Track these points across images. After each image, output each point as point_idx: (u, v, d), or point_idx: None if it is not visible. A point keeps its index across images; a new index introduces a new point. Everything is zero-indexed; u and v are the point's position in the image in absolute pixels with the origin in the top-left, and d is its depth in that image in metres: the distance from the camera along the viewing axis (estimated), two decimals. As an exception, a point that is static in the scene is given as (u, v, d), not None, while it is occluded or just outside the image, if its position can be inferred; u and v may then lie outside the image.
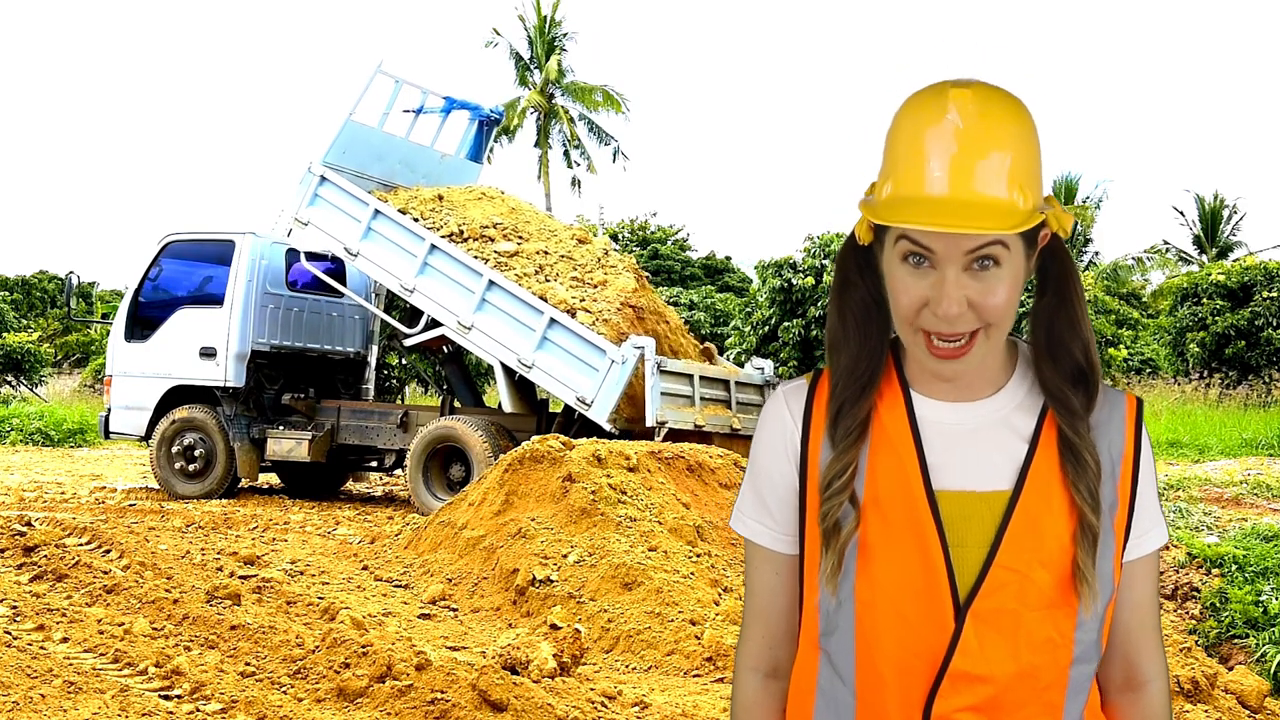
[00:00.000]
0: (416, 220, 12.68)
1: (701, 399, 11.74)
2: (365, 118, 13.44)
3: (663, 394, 11.16)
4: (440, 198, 13.29)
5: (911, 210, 1.27)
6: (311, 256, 13.92)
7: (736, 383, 12.42)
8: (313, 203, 12.90)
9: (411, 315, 13.18)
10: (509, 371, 12.02)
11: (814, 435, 1.41)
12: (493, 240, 12.61)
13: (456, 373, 13.62)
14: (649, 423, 10.96)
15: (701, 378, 11.86)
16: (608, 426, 11.06)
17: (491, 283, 11.90)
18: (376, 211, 12.61)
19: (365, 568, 8.28)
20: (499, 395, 12.54)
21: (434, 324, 12.48)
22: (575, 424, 11.65)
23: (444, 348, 13.42)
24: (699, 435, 11.26)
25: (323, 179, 12.83)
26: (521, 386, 12.34)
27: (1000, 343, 1.35)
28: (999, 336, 1.33)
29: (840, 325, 1.42)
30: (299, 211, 12.94)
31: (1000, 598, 1.32)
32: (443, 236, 12.41)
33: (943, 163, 1.28)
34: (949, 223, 1.25)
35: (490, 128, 15.44)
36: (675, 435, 10.99)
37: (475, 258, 12.18)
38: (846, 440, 1.37)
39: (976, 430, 1.37)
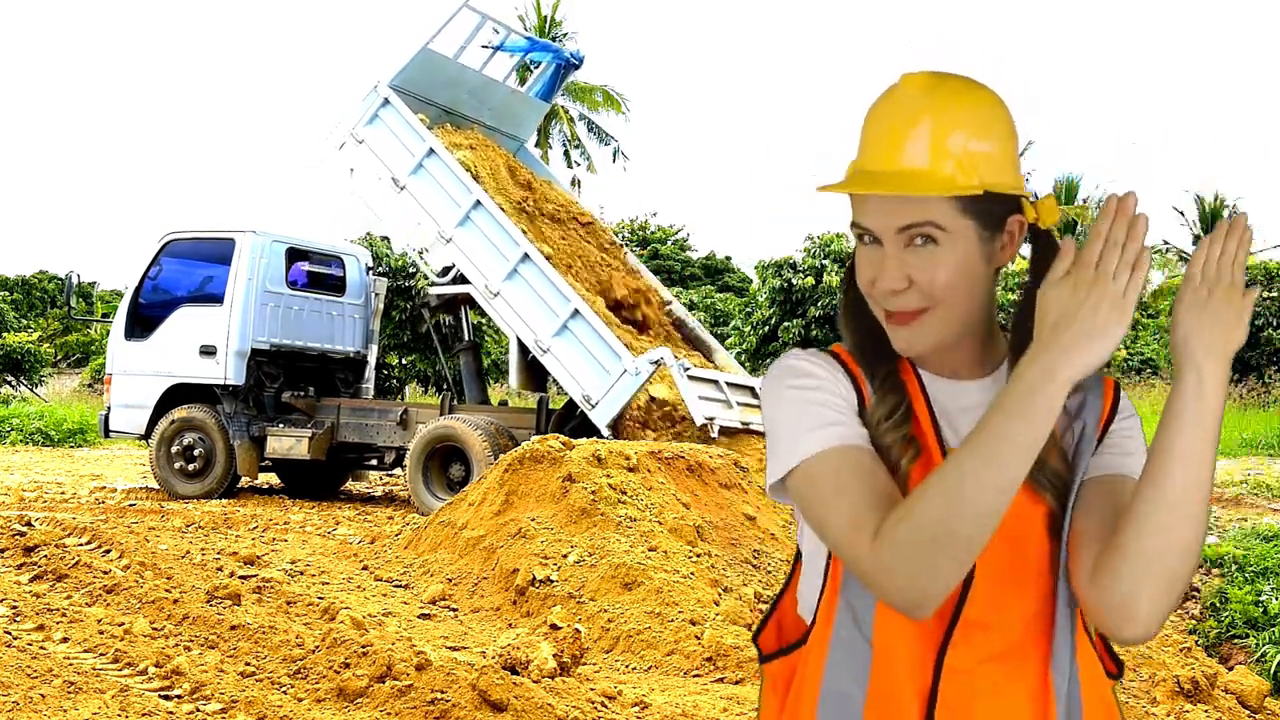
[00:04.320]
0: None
1: (737, 403, 11.71)
2: (442, 48, 13.44)
3: (700, 398, 11.13)
4: (531, 184, 13.40)
5: (848, 182, 1.37)
6: (308, 258, 13.93)
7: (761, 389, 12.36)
8: (371, 122, 12.76)
9: (442, 270, 13.27)
10: (523, 350, 12.05)
11: (860, 381, 1.44)
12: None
13: (470, 365, 13.63)
14: (698, 422, 10.88)
15: (729, 384, 11.82)
16: (606, 433, 11.06)
17: (526, 255, 11.90)
18: (431, 150, 12.49)
19: (365, 568, 8.27)
20: (509, 369, 12.57)
21: (462, 279, 12.50)
22: (574, 420, 11.65)
23: (464, 332, 13.47)
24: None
25: (386, 101, 12.71)
26: (533, 368, 12.34)
27: (957, 323, 1.39)
28: (949, 316, 1.38)
29: (855, 308, 1.47)
30: (355, 128, 12.77)
31: (1003, 547, 1.33)
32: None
33: (879, 138, 1.37)
34: (870, 187, 1.34)
35: (567, 71, 15.48)
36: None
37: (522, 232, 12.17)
38: (889, 382, 1.42)
39: (967, 405, 1.43)
